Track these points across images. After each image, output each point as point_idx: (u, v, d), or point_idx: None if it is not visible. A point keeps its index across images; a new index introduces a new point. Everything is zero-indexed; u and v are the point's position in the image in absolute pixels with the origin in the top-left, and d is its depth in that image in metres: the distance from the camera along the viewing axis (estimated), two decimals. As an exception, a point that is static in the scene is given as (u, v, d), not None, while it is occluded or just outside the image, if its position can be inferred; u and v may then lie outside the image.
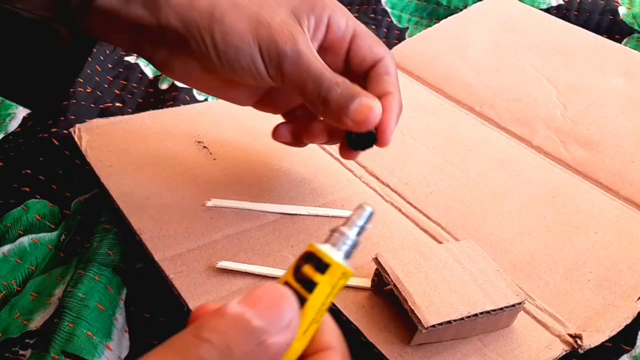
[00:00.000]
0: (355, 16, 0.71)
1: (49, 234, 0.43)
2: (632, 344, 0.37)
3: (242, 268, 0.37)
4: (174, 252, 0.38)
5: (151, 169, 0.45)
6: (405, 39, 0.68)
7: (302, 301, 0.22)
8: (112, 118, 0.50)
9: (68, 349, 0.34)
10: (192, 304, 0.35)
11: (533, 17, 0.67)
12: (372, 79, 0.38)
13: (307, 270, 0.22)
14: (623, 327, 0.36)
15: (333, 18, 0.37)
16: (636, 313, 0.37)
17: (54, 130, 0.49)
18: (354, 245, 0.23)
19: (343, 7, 0.38)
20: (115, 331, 0.36)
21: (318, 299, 0.22)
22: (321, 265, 0.22)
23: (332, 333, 0.23)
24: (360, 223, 0.24)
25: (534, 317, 0.37)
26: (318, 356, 0.22)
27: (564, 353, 0.35)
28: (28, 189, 0.45)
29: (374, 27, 0.70)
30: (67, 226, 0.44)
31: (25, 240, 0.42)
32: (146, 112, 0.52)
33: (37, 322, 0.37)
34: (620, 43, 0.65)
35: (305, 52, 0.34)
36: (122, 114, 0.52)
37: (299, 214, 0.42)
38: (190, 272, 0.37)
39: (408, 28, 0.71)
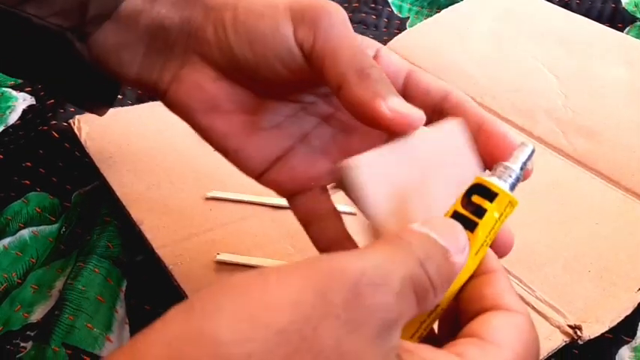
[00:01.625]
0: (355, 7, 0.72)
1: (50, 226, 0.43)
2: (633, 335, 0.37)
3: (241, 260, 0.37)
4: (174, 243, 0.38)
5: (150, 160, 0.45)
6: (405, 29, 0.68)
7: (473, 225, 0.24)
8: (111, 110, 0.49)
9: (69, 341, 0.34)
10: (191, 296, 0.35)
11: (534, 6, 0.66)
12: (448, 112, 0.30)
13: (477, 199, 0.24)
14: (623, 318, 0.36)
15: (381, 52, 0.32)
16: (636, 304, 0.37)
17: (54, 122, 0.49)
18: (518, 178, 0.25)
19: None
20: (115, 323, 0.36)
21: (488, 224, 0.24)
22: (490, 194, 0.24)
23: (495, 258, 0.25)
24: (523, 158, 0.25)
25: (534, 308, 0.37)
26: (485, 277, 0.24)
27: (564, 344, 0.35)
28: (28, 182, 0.45)
29: (374, 17, 0.70)
30: (68, 218, 0.44)
31: (25, 233, 0.42)
32: (146, 104, 0.52)
33: (37, 314, 0.37)
34: (623, 31, 0.65)
35: (344, 20, 0.30)
36: (122, 105, 0.52)
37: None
38: (190, 263, 0.37)
39: (408, 17, 0.70)
